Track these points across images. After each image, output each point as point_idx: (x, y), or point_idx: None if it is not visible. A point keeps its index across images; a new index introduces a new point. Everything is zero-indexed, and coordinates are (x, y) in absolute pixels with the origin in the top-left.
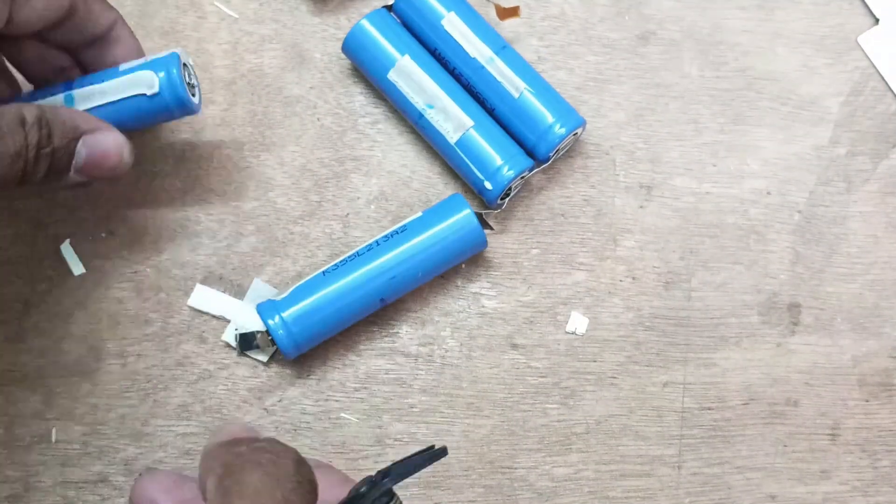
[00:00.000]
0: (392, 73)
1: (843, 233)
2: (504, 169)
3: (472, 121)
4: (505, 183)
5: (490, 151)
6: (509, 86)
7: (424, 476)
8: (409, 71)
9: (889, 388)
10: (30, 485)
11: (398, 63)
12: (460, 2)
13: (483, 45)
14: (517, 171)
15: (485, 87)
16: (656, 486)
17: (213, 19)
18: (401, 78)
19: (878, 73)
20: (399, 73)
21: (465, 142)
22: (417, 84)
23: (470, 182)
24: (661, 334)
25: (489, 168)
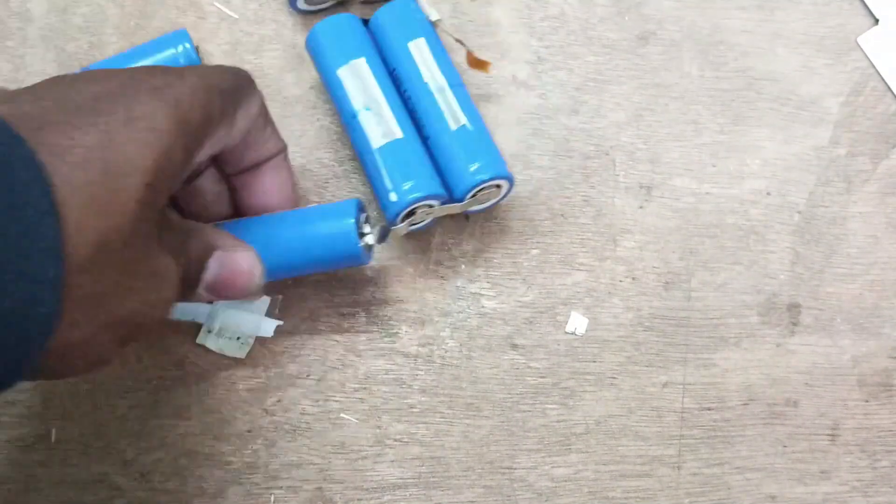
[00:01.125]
0: (343, 69)
1: (842, 233)
2: (415, 185)
3: (403, 134)
4: (412, 198)
5: (408, 166)
6: (450, 117)
7: (424, 476)
8: (360, 72)
9: (889, 388)
10: (30, 485)
11: (352, 62)
12: (433, 34)
13: (440, 74)
14: (427, 193)
15: (427, 113)
16: (656, 487)
17: (212, 19)
18: (349, 75)
19: (878, 73)
20: (349, 71)
21: (387, 149)
22: (363, 85)
23: (378, 193)
24: (660, 335)
25: (400, 181)
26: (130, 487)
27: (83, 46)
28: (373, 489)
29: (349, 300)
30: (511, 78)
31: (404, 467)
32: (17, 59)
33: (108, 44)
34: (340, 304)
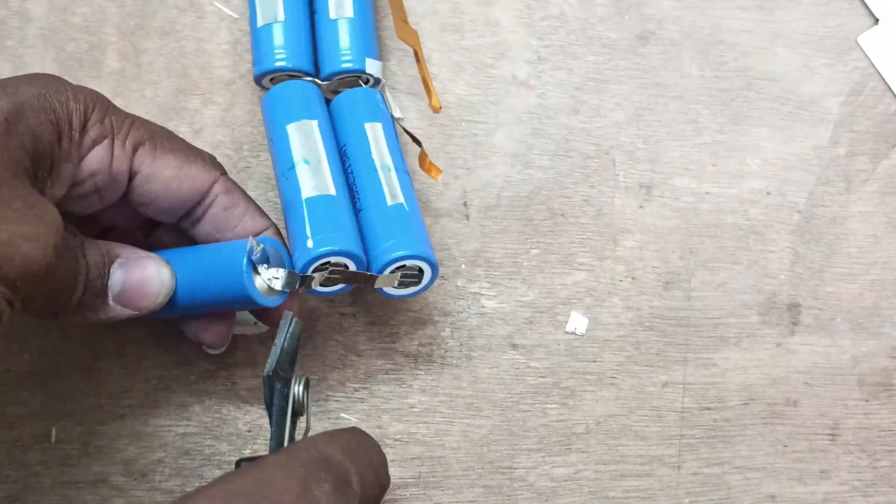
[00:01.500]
0: (293, 125)
1: (842, 233)
2: (335, 238)
3: (336, 192)
4: (328, 250)
5: (332, 220)
6: (389, 192)
7: (424, 476)
8: (309, 131)
9: (889, 388)
10: (30, 485)
11: (304, 121)
12: (391, 126)
13: (388, 156)
14: (345, 249)
15: (366, 186)
16: (656, 486)
17: (212, 19)
18: (297, 131)
19: (878, 73)
20: (298, 128)
21: (316, 201)
22: (308, 143)
23: (295, 241)
24: (660, 334)
25: (321, 231)
26: (130, 487)
27: (83, 46)
28: None
29: (349, 300)
30: (511, 78)
31: (404, 467)
32: (17, 59)
33: (109, 44)
34: (340, 304)
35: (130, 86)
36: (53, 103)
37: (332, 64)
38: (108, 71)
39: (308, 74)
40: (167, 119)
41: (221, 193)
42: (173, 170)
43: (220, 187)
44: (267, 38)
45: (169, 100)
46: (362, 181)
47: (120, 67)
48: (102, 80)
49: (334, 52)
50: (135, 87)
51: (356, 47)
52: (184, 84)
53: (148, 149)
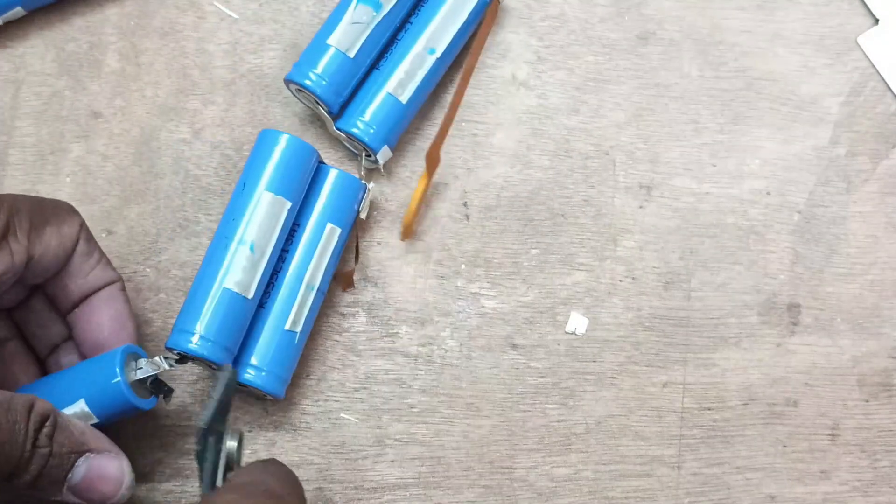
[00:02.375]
0: (271, 196)
1: (842, 233)
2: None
3: (253, 296)
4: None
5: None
6: (292, 318)
7: (424, 476)
8: (278, 214)
9: (888, 388)
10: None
11: (281, 198)
12: (349, 225)
13: (321, 274)
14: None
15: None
16: (656, 487)
17: (212, 19)
18: (269, 207)
19: (878, 73)
20: (271, 203)
21: (228, 298)
22: (267, 227)
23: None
24: (660, 334)
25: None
26: None
27: (83, 46)
28: (373, 489)
29: (349, 300)
30: (511, 78)
31: (404, 467)
32: (17, 59)
33: (109, 44)
34: (340, 304)
35: (130, 86)
36: None
37: (355, 124)
38: (108, 71)
39: (329, 112)
40: (167, 119)
41: (81, 240)
42: (56, 237)
43: (82, 234)
44: (324, 60)
45: (169, 100)
46: (285, 288)
47: (120, 67)
48: (102, 80)
49: (365, 118)
50: (135, 87)
51: (385, 129)
52: (184, 84)
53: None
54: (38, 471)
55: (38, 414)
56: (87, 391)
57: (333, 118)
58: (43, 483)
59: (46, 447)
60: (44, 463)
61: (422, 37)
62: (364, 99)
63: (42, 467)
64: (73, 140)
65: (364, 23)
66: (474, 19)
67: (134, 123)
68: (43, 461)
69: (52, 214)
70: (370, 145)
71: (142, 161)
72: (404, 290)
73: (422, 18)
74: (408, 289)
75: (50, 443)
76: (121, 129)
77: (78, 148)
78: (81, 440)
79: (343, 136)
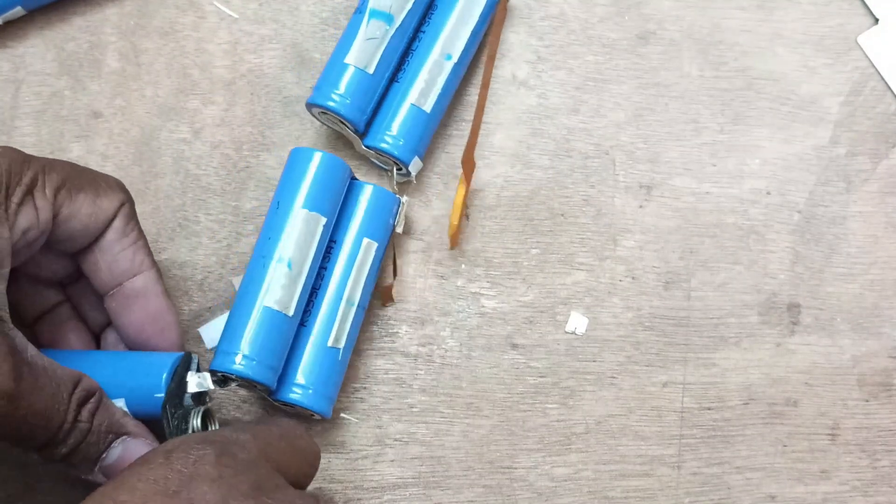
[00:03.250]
0: (305, 212)
1: (842, 233)
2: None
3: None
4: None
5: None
6: (334, 335)
7: (424, 476)
8: (313, 229)
9: (889, 388)
10: (30, 485)
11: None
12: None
13: (360, 289)
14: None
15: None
16: (656, 486)
17: (212, 19)
18: (304, 224)
19: (878, 73)
20: (307, 220)
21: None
22: (304, 243)
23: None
24: (660, 334)
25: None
26: None
27: (83, 46)
28: (373, 489)
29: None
30: (511, 77)
31: (404, 467)
32: (17, 59)
33: (109, 44)
34: None
35: (130, 86)
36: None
37: (383, 139)
38: (108, 71)
39: (355, 131)
40: (167, 119)
41: (119, 217)
42: (89, 206)
43: (122, 211)
44: (344, 79)
45: (169, 100)
46: (325, 304)
47: (120, 67)
48: (102, 80)
49: (392, 132)
50: (135, 87)
51: (412, 140)
52: (184, 84)
53: (65, 191)
54: (75, 445)
55: (84, 389)
56: (129, 394)
57: (360, 136)
58: (76, 459)
59: (87, 422)
60: (81, 438)
61: (437, 44)
62: (388, 113)
63: (79, 443)
64: (73, 140)
65: (378, 37)
66: (485, 20)
67: (134, 123)
68: (81, 436)
69: (91, 183)
70: (401, 158)
71: (142, 161)
72: (404, 289)
73: (433, 26)
74: (408, 289)
75: (91, 419)
76: (121, 129)
77: (78, 148)
78: (122, 422)
79: (372, 153)
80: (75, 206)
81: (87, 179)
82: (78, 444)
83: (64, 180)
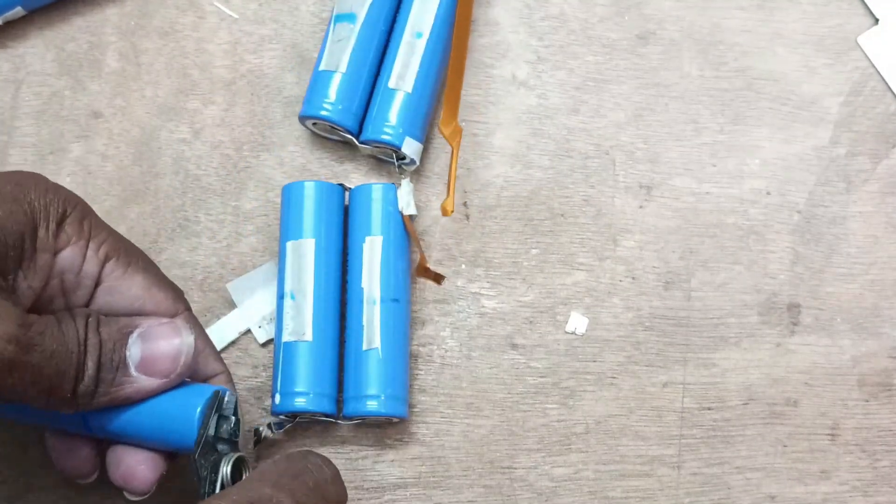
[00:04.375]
0: (291, 243)
1: (842, 233)
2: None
3: (312, 337)
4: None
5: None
6: (365, 336)
7: (424, 476)
8: (303, 253)
9: (889, 388)
10: (30, 485)
11: (301, 240)
12: (397, 232)
13: (378, 285)
14: (305, 408)
15: (352, 323)
16: (656, 487)
17: (212, 19)
18: (293, 253)
19: (878, 73)
20: (294, 248)
21: (291, 348)
22: (300, 268)
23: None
24: (660, 334)
25: (290, 385)
26: None
27: (83, 46)
28: (373, 489)
29: None
30: (511, 78)
31: (404, 467)
32: (17, 59)
33: (109, 44)
34: None
35: (130, 86)
36: (30, 195)
37: (375, 131)
38: (108, 71)
39: (349, 133)
40: (167, 119)
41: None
42: (141, 289)
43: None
44: (322, 85)
45: (169, 100)
46: (350, 315)
47: (120, 67)
48: (102, 80)
49: (380, 121)
50: (135, 87)
51: (402, 123)
52: (184, 84)
53: (121, 262)
54: (96, 367)
55: (83, 314)
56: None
57: (356, 136)
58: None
59: (95, 337)
60: (97, 354)
61: (407, 25)
62: (375, 104)
63: (98, 361)
64: (73, 140)
65: (345, 37)
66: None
67: (134, 123)
68: (96, 352)
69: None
70: (393, 143)
71: (142, 161)
72: None
73: (403, 10)
74: None
75: (97, 332)
76: (121, 129)
77: (78, 148)
78: (127, 321)
79: (375, 150)
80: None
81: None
82: (97, 363)
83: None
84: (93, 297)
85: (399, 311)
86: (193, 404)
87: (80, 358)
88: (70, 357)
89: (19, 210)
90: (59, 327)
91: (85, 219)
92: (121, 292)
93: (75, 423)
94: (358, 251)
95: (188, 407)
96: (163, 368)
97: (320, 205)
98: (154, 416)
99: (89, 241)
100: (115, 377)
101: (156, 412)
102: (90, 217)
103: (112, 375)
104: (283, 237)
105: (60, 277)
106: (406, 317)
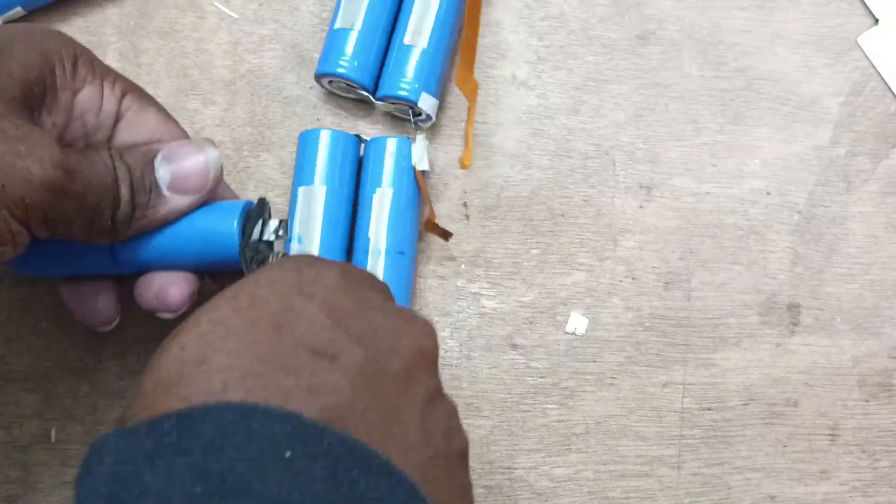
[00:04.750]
0: (302, 189)
1: (842, 233)
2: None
3: None
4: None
5: None
6: None
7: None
8: (313, 200)
9: (889, 388)
10: (30, 485)
11: (313, 186)
12: (410, 188)
13: (385, 236)
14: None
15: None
16: (656, 487)
17: (212, 19)
18: (304, 198)
19: (878, 73)
20: (305, 194)
21: None
22: (309, 214)
23: None
24: (660, 334)
25: None
26: None
27: None
28: None
29: None
30: (511, 78)
31: None
32: None
33: (109, 44)
34: None
35: None
36: (43, 40)
37: (390, 87)
38: None
39: (365, 90)
40: None
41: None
42: (157, 121)
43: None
44: (338, 42)
45: (169, 100)
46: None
47: (120, 67)
48: None
49: (395, 77)
50: None
51: (418, 79)
52: (184, 84)
53: (136, 97)
54: (129, 192)
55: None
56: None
57: (372, 94)
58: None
59: (123, 165)
60: (129, 180)
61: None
62: (390, 61)
63: (130, 186)
64: None
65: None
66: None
67: None
68: (127, 178)
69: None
70: (409, 99)
71: None
72: None
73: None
74: None
75: (123, 161)
76: None
77: None
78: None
79: (391, 108)
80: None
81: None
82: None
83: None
84: (113, 135)
85: (403, 264)
86: (231, 212)
87: (115, 185)
88: (106, 184)
89: (36, 50)
90: (88, 159)
91: (93, 60)
92: (140, 125)
93: (107, 265)
94: (368, 202)
95: (227, 214)
96: (194, 184)
97: (335, 153)
98: (193, 232)
99: (103, 80)
100: (149, 199)
101: (194, 228)
102: (96, 59)
103: (146, 198)
104: (297, 182)
105: (82, 119)
106: (410, 271)
